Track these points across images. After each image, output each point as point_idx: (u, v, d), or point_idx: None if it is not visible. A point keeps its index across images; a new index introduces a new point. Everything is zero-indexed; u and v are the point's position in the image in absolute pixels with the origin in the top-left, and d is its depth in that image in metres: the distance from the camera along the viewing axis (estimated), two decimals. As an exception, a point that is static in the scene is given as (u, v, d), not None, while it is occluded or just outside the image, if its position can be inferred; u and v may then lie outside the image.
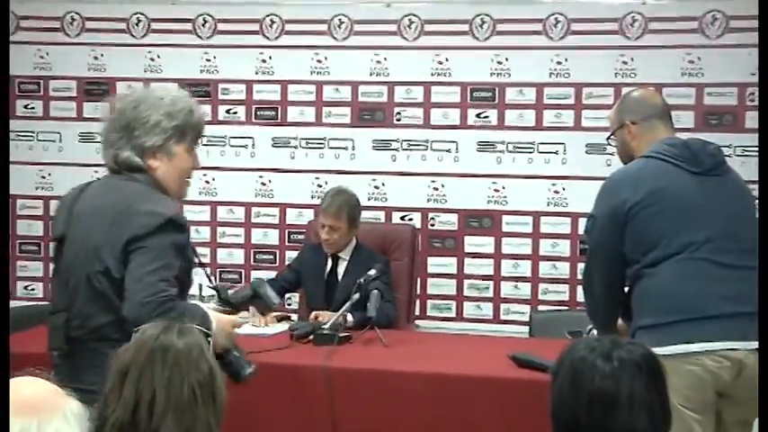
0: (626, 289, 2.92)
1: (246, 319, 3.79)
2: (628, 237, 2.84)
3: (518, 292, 4.82)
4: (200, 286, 3.93)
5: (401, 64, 4.89)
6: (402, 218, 4.89)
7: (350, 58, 4.92)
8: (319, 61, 4.97)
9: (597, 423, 1.73)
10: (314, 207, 4.73)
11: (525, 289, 4.82)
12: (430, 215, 4.89)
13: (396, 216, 4.90)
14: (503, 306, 4.84)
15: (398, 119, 4.90)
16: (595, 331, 3.04)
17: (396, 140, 4.91)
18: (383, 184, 4.92)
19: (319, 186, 4.88)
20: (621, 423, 1.72)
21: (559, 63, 4.75)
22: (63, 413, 1.39)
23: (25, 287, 5.21)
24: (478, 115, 4.84)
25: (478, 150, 4.84)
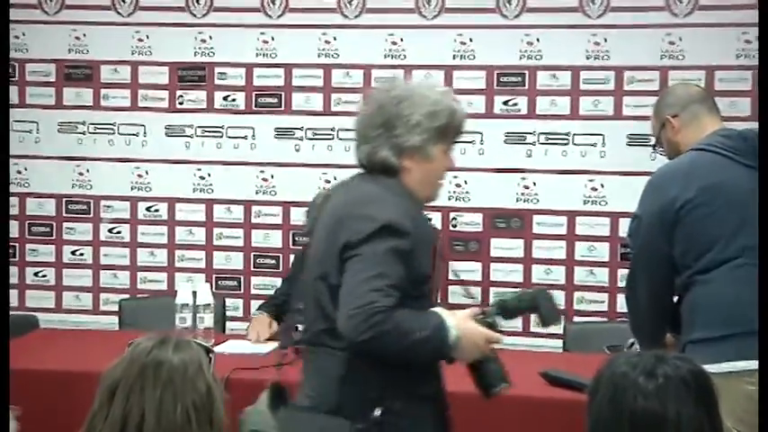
0: (675, 299, 2.91)
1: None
2: (678, 239, 2.83)
3: (550, 302, 4.81)
4: (193, 294, 3.95)
5: (419, 45, 4.89)
6: (420, 218, 4.89)
7: (362, 39, 4.93)
8: (327, 42, 4.97)
9: (640, 448, 1.72)
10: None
11: (558, 298, 4.79)
12: (452, 215, 4.89)
13: (413, 216, 4.90)
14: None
15: (416, 107, 4.90)
16: (638, 346, 3.04)
17: (413, 131, 4.91)
18: (399, 180, 4.92)
19: (327, 182, 4.88)
20: (667, 448, 1.72)
21: (597, 44, 4.74)
22: None
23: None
24: (506, 103, 4.84)
25: (506, 142, 4.84)
